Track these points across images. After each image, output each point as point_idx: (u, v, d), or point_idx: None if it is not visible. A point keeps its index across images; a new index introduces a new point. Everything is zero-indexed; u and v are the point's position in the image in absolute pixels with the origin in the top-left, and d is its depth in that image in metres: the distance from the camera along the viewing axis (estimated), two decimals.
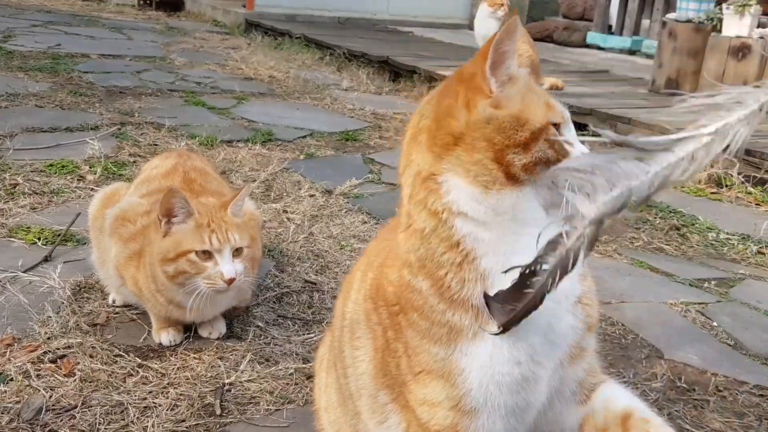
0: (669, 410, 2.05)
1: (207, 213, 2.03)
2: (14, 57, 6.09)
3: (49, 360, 2.01)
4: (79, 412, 1.81)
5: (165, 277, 2.02)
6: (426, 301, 1.13)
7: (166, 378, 2.00)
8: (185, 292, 2.03)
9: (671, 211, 3.80)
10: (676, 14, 6.62)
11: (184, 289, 2.02)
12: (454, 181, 1.09)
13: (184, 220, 2.01)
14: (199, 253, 1.99)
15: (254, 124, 4.80)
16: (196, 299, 2.02)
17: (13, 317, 2.20)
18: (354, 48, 7.57)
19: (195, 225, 2.00)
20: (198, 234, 1.99)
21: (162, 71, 6.31)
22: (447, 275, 1.10)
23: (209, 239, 1.99)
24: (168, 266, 2.00)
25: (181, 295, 2.07)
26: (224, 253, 2.00)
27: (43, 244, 2.72)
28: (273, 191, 3.52)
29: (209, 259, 2.00)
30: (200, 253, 1.99)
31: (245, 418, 1.86)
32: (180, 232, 2.00)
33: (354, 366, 1.30)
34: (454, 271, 1.10)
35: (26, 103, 4.66)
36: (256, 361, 2.11)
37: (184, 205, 2.00)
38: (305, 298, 2.53)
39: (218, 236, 1.99)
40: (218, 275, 1.98)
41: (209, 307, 2.14)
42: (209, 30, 9.47)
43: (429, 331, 1.12)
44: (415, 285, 1.14)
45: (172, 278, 2.01)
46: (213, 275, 1.99)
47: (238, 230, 2.05)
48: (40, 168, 3.49)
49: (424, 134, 1.14)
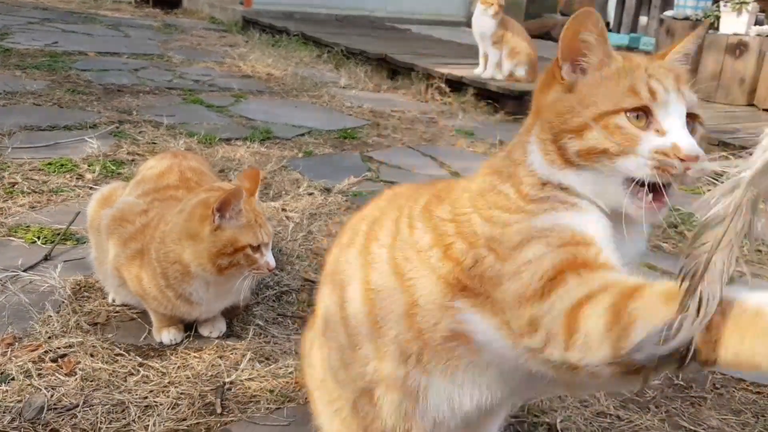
0: (666, 408, 2.07)
1: (250, 210, 2.13)
2: (11, 55, 6.08)
3: (50, 359, 2.02)
4: (80, 411, 1.82)
5: (214, 269, 2.08)
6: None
7: (167, 377, 2.01)
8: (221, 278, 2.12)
9: (669, 209, 3.80)
10: (674, 11, 6.64)
11: (224, 276, 2.12)
12: (533, 147, 1.21)
13: (236, 218, 2.09)
14: (253, 248, 2.11)
15: (252, 122, 4.80)
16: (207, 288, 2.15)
17: (13, 316, 2.20)
18: (352, 45, 7.57)
19: (247, 222, 2.11)
20: (251, 231, 2.11)
21: (160, 69, 6.31)
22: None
23: (261, 235, 2.12)
24: (223, 259, 2.08)
25: (199, 286, 2.14)
26: (269, 245, 2.17)
27: (43, 243, 2.73)
28: (272, 189, 3.53)
29: (257, 251, 2.12)
30: (254, 248, 2.11)
31: (246, 417, 1.87)
32: (235, 228, 2.09)
33: (408, 292, 1.27)
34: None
35: (24, 102, 4.66)
36: (256, 359, 2.13)
37: (238, 205, 2.09)
38: (305, 297, 2.54)
39: (265, 231, 2.14)
40: (265, 265, 2.13)
41: (218, 299, 2.20)
42: (206, 27, 9.45)
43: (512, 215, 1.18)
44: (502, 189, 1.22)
45: (223, 269, 2.09)
46: (262, 266, 2.13)
47: (266, 221, 2.20)
48: (39, 167, 3.49)
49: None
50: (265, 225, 2.15)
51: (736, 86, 5.95)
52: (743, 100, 5.94)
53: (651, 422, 1.99)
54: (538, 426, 1.93)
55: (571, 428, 1.94)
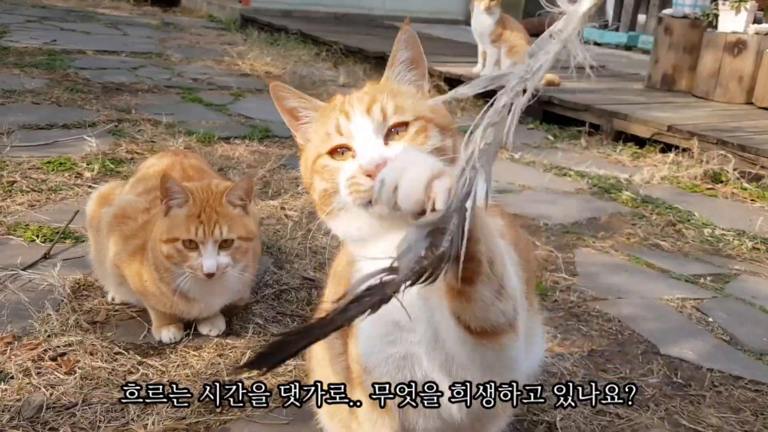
0: (666, 406, 2.07)
1: (202, 201, 2.06)
2: (9, 53, 6.07)
3: (49, 358, 2.02)
4: (79, 410, 1.82)
5: (161, 255, 2.06)
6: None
7: (166, 375, 2.01)
8: (178, 275, 2.08)
9: (667, 207, 3.81)
10: (672, 10, 6.64)
11: (177, 270, 2.07)
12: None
13: (181, 206, 2.06)
14: (185, 242, 2.03)
15: (251, 121, 4.80)
16: (191, 282, 2.09)
17: (13, 315, 2.20)
18: (350, 44, 7.56)
19: (187, 213, 2.05)
20: (187, 223, 2.03)
21: (158, 67, 6.30)
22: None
23: (195, 230, 2.02)
24: (163, 246, 2.05)
25: (178, 279, 2.09)
26: (208, 245, 2.03)
27: (42, 241, 2.72)
28: (271, 188, 3.53)
29: (195, 248, 2.04)
30: (186, 242, 2.03)
31: (245, 415, 1.87)
32: (175, 217, 2.06)
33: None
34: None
35: (23, 100, 4.65)
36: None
37: (179, 191, 2.04)
38: (304, 295, 2.54)
39: (204, 228, 2.03)
40: (199, 267, 2.03)
41: (213, 297, 2.18)
42: (205, 25, 9.44)
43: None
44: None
45: (166, 258, 2.06)
46: (195, 266, 2.04)
47: (229, 222, 2.06)
48: (38, 165, 3.49)
49: None
50: (208, 224, 2.02)
51: (735, 84, 5.94)
52: (741, 99, 5.94)
53: (650, 420, 1.99)
54: (538, 424, 1.94)
55: (570, 426, 1.94)
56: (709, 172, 4.39)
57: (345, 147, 1.17)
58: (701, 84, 6.21)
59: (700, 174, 4.39)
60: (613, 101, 5.65)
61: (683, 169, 4.49)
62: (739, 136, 4.65)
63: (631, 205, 3.83)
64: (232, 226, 2.06)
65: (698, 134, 4.68)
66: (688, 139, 4.71)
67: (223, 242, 2.05)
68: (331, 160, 1.18)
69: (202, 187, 2.10)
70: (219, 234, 2.04)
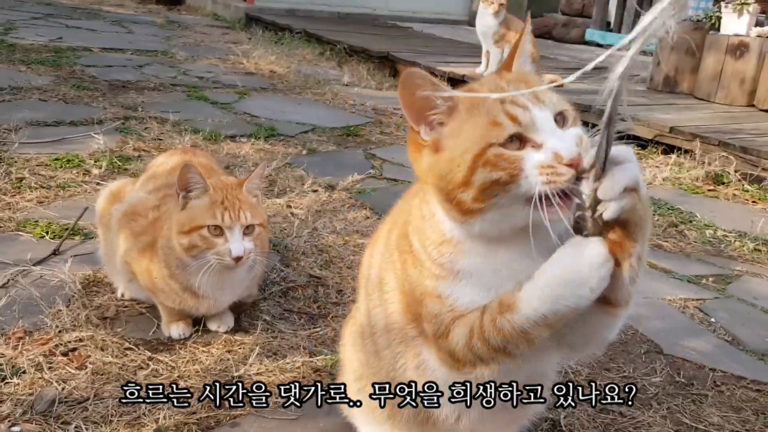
0: (668, 405, 2.10)
1: (222, 190, 2.09)
2: (16, 50, 6.10)
3: (60, 353, 2.04)
4: (91, 404, 1.85)
5: (180, 249, 2.07)
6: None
7: (176, 371, 2.04)
8: (198, 268, 2.08)
9: (669, 208, 3.84)
10: None
11: (197, 262, 2.07)
12: (436, 208, 1.25)
13: (200, 196, 2.08)
14: (210, 229, 2.05)
15: (257, 119, 4.83)
16: (205, 276, 2.09)
17: (24, 310, 2.23)
18: (354, 43, 7.59)
19: (209, 201, 2.06)
20: (211, 210, 2.05)
21: (164, 65, 6.33)
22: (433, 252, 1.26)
23: (221, 216, 2.04)
24: (183, 238, 2.06)
25: (194, 274, 2.10)
26: (235, 230, 2.06)
27: (51, 237, 2.75)
28: (277, 186, 3.56)
29: (220, 235, 2.05)
30: (212, 228, 2.05)
31: (254, 411, 1.89)
32: (195, 207, 2.07)
33: (384, 307, 1.42)
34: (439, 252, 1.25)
35: (30, 97, 4.68)
36: (264, 354, 2.15)
37: (199, 181, 2.06)
38: (310, 293, 2.57)
39: (230, 213, 2.05)
40: (227, 252, 2.04)
41: (222, 293, 2.20)
42: (210, 24, 9.47)
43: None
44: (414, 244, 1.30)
45: (186, 251, 2.07)
46: (222, 252, 2.05)
47: (251, 209, 2.10)
48: (46, 162, 3.52)
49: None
50: (233, 210, 2.05)
51: (737, 87, 5.97)
52: (743, 101, 5.96)
53: (653, 419, 2.02)
54: (542, 422, 1.96)
55: (574, 424, 1.97)
56: (710, 174, 4.42)
57: (518, 137, 1.12)
58: (703, 86, 6.23)
59: (702, 175, 4.41)
60: None
61: (685, 170, 4.52)
62: (741, 138, 4.67)
63: None
64: (254, 213, 2.10)
65: (700, 136, 4.71)
66: (690, 140, 4.74)
67: (246, 228, 2.09)
68: (504, 150, 1.11)
69: (216, 181, 2.15)
70: (245, 219, 2.07)
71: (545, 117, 1.14)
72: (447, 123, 1.18)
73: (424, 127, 1.19)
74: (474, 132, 1.14)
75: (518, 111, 1.13)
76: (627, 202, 1.06)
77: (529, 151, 1.11)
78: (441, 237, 1.24)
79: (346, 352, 1.69)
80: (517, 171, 1.09)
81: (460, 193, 1.14)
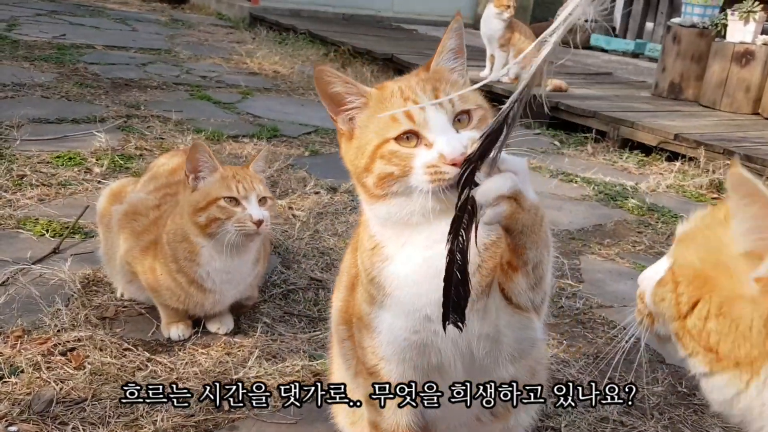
0: (669, 414, 2.08)
1: (231, 168, 2.17)
2: (19, 46, 6.09)
3: (59, 352, 2.03)
4: (89, 405, 1.84)
5: (197, 229, 2.10)
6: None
7: (175, 372, 2.02)
8: (213, 249, 2.12)
9: (673, 216, 3.82)
10: (681, 19, 6.64)
11: (215, 239, 2.10)
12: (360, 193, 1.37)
13: (210, 174, 2.13)
14: (227, 200, 2.09)
15: (259, 120, 4.82)
16: (217, 263, 2.14)
17: (23, 309, 2.22)
18: (358, 45, 7.57)
19: (221, 176, 2.13)
20: (225, 183, 2.11)
21: (167, 64, 6.32)
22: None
23: (236, 187, 2.10)
24: (200, 215, 2.09)
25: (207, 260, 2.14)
26: (251, 198, 2.12)
27: (51, 236, 2.74)
28: (279, 187, 3.54)
29: (237, 205, 2.10)
30: (229, 199, 2.09)
31: (253, 414, 1.88)
32: (208, 184, 2.12)
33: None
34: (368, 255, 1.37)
35: (32, 94, 4.67)
36: (263, 357, 2.14)
37: (208, 160, 2.12)
38: (311, 296, 2.56)
39: (244, 185, 2.12)
40: (247, 217, 2.08)
41: (229, 285, 2.20)
42: (213, 23, 9.46)
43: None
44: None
45: (204, 228, 2.09)
46: (242, 218, 2.09)
47: (262, 183, 2.18)
48: (47, 159, 3.51)
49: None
50: (246, 182, 2.12)
51: (742, 94, 5.94)
52: (748, 109, 5.94)
53: (654, 429, 2.01)
54: (543, 430, 1.95)
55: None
56: (714, 182, 4.40)
57: (413, 133, 1.23)
58: (708, 93, 6.21)
59: (706, 183, 4.40)
60: (619, 108, 5.66)
61: (689, 178, 4.50)
62: (746, 147, 4.66)
63: (636, 212, 3.84)
64: (264, 187, 2.19)
65: (705, 143, 4.69)
66: (695, 148, 4.72)
67: (261, 199, 2.14)
68: (400, 146, 1.23)
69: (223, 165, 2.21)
70: (259, 189, 2.15)
71: (439, 117, 1.23)
72: (359, 115, 1.31)
73: (341, 117, 1.33)
74: (377, 125, 1.26)
75: (414, 110, 1.24)
76: (504, 210, 1.11)
77: (421, 150, 1.23)
78: (370, 241, 1.36)
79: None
80: (408, 168, 1.22)
81: (365, 178, 1.28)
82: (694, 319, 0.95)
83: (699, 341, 0.95)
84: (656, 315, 1.07)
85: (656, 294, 1.04)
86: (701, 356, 0.95)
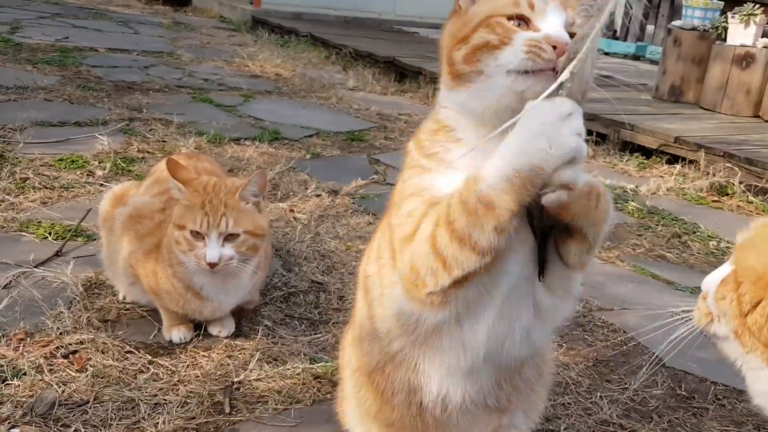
0: (669, 418, 2.09)
1: (209, 193, 2.09)
2: (22, 49, 6.11)
3: (61, 355, 2.04)
4: (91, 408, 1.85)
5: (173, 240, 2.09)
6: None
7: (176, 375, 2.03)
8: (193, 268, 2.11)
9: (673, 219, 3.83)
10: (682, 21, 6.65)
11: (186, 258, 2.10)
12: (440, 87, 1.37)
13: (184, 198, 2.11)
14: (192, 232, 2.06)
15: (261, 123, 4.83)
16: (206, 277, 2.14)
17: (26, 312, 2.23)
18: (360, 48, 7.60)
19: (190, 204, 2.09)
20: (192, 214, 2.06)
21: (169, 67, 6.34)
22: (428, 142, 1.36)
23: (200, 221, 2.05)
24: (175, 231, 2.09)
25: (194, 272, 2.13)
26: (211, 236, 2.05)
27: (54, 239, 2.75)
28: (280, 190, 3.56)
29: (201, 239, 2.06)
30: (193, 231, 2.06)
31: (254, 417, 1.89)
32: (181, 206, 2.11)
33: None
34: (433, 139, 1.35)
35: (35, 97, 4.69)
36: (264, 360, 2.15)
37: (187, 175, 2.12)
38: (312, 299, 2.57)
39: (209, 219, 2.05)
40: (202, 256, 2.05)
41: (226, 296, 2.21)
42: (216, 26, 9.49)
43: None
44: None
45: (176, 243, 2.09)
46: (200, 255, 2.06)
47: (236, 215, 2.08)
48: (50, 162, 3.52)
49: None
50: (213, 216, 2.04)
51: (742, 97, 5.95)
52: (749, 112, 5.95)
53: (653, 431, 2.01)
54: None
55: None
56: (715, 185, 4.41)
57: (524, 19, 1.23)
58: (709, 96, 6.22)
59: (707, 186, 4.40)
60: (620, 111, 5.67)
61: (689, 180, 4.51)
62: (746, 150, 4.67)
63: (637, 215, 3.84)
64: (238, 220, 2.08)
65: (705, 146, 4.70)
66: (695, 151, 4.73)
67: (229, 235, 2.08)
68: (508, 22, 1.23)
69: (215, 182, 2.15)
70: (225, 226, 2.06)
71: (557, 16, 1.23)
72: None
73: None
74: (494, 3, 1.26)
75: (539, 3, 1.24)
76: (563, 195, 1.14)
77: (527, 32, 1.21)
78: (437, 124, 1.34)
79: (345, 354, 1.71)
80: (507, 40, 1.21)
81: (457, 50, 1.26)
82: (756, 316, 1.09)
83: (759, 337, 1.10)
84: (717, 314, 1.17)
85: (718, 293, 1.14)
86: (759, 352, 1.11)
